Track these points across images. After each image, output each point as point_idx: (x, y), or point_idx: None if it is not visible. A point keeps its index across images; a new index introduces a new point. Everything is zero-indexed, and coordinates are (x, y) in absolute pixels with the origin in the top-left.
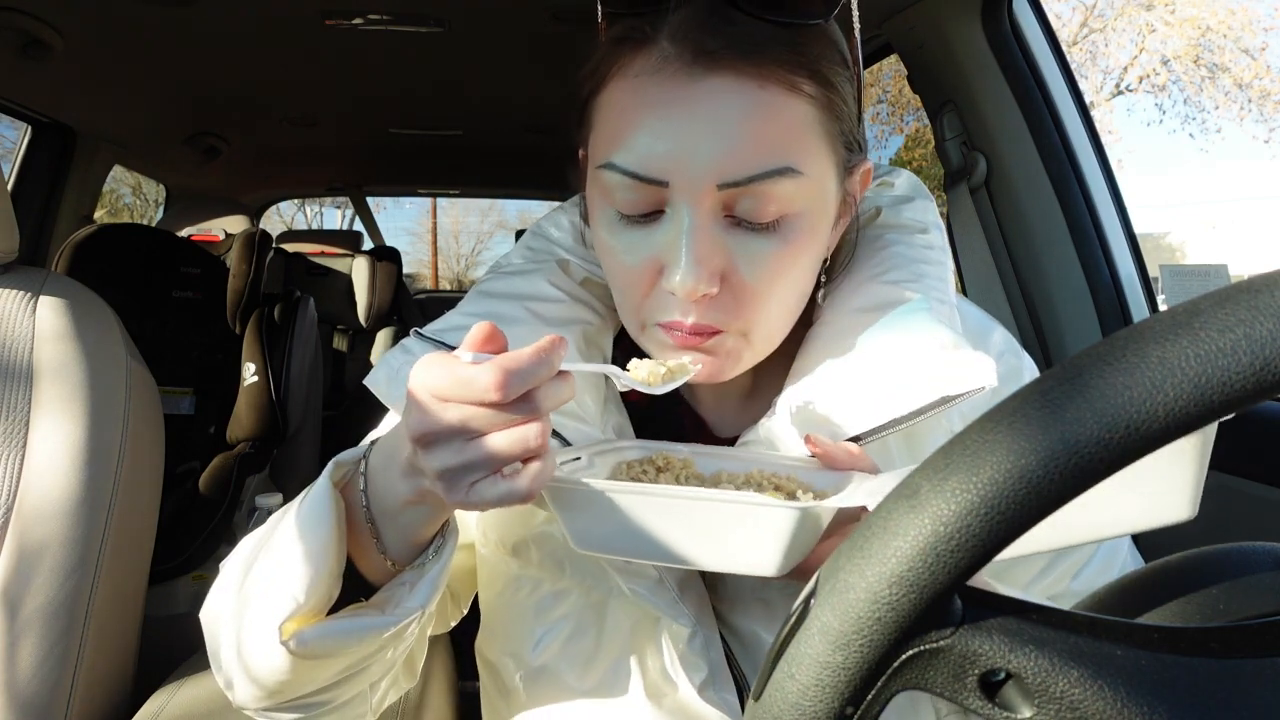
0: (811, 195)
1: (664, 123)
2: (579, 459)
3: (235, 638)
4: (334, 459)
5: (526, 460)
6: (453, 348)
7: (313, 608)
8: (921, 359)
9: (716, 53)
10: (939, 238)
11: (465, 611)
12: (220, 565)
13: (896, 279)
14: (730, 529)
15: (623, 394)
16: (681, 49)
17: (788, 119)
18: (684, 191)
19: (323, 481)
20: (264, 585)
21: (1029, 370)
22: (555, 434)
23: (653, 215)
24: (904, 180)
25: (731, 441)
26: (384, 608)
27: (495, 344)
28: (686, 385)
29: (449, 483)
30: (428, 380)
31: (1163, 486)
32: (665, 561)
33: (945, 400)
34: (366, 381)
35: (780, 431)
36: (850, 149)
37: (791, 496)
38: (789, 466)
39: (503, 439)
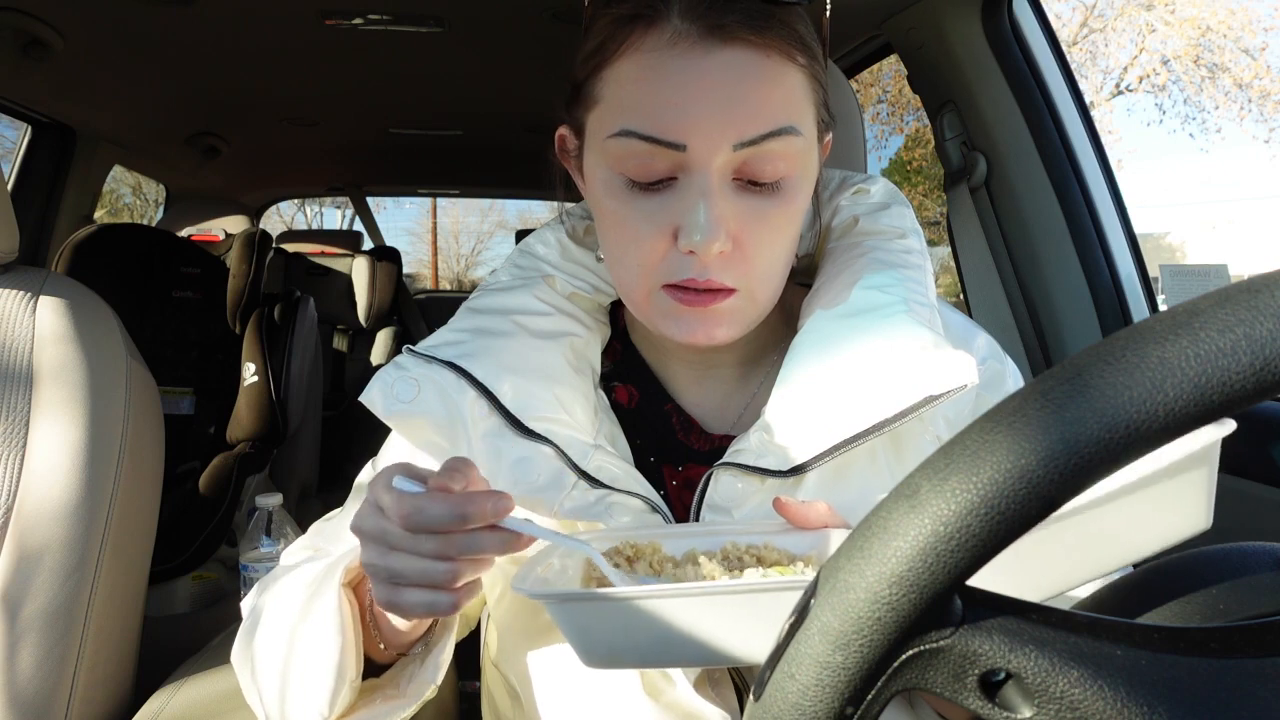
0: (805, 157)
1: (681, 90)
2: (552, 563)
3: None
4: (342, 565)
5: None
6: (446, 363)
7: (339, 715)
8: (903, 360)
9: (728, 27)
10: (917, 242)
11: (474, 627)
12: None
13: (877, 284)
14: (770, 618)
15: (611, 401)
16: (694, 25)
17: (788, 84)
18: (701, 154)
19: (332, 592)
20: (294, 690)
21: (1012, 376)
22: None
23: (665, 182)
24: (880, 188)
25: (723, 439)
26: (398, 683)
27: (461, 479)
28: (672, 385)
29: (375, 580)
30: (375, 486)
31: (1180, 502)
32: (698, 664)
33: (929, 400)
34: (362, 398)
35: (771, 441)
36: (823, 118)
37: (775, 566)
38: (761, 535)
39: (410, 563)
